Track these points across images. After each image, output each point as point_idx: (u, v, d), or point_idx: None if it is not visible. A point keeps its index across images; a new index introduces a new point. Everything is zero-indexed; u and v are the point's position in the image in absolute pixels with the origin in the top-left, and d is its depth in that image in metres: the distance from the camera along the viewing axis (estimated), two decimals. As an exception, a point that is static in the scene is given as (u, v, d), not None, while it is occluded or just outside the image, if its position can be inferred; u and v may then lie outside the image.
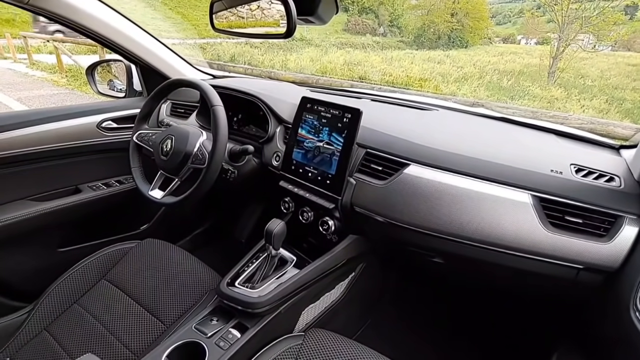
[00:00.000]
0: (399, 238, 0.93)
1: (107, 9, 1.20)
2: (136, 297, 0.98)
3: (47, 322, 0.95)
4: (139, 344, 0.89)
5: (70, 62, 8.69)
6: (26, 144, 1.13)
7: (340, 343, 0.83)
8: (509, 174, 0.80)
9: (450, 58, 15.14)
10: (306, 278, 0.92)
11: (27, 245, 1.17)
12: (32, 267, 1.20)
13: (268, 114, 1.18)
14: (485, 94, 10.12)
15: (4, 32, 11.68)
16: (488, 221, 0.78)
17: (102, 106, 1.34)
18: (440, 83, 10.72)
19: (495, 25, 25.15)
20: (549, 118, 1.09)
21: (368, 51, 16.90)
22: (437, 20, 20.65)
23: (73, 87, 7.61)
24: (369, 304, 1.32)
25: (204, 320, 0.85)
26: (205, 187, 0.98)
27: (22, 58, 10.40)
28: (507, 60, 15.04)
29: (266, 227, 0.89)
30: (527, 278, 0.84)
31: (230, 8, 1.04)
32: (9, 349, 0.90)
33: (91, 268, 1.07)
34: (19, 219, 1.11)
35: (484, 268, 0.88)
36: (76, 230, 1.29)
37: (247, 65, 10.69)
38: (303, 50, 15.11)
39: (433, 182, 0.84)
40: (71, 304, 0.99)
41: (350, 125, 0.94)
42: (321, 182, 0.99)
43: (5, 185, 1.13)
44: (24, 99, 6.49)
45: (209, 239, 1.74)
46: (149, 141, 1.10)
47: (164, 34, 13.83)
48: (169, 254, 1.10)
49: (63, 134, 1.21)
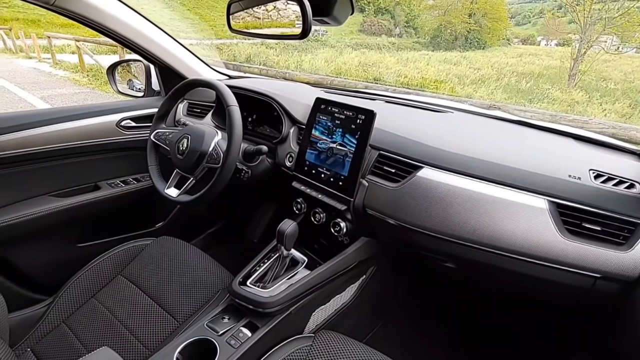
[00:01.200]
0: (410, 241, 0.92)
1: (128, 10, 1.23)
2: (151, 294, 1.00)
3: (65, 315, 0.98)
4: (152, 339, 0.91)
5: (92, 62, 8.94)
6: (49, 141, 1.17)
7: (350, 346, 0.83)
8: (525, 178, 0.79)
9: (467, 59, 14.93)
10: (317, 279, 0.93)
11: (48, 239, 1.21)
12: (52, 261, 1.23)
13: (282, 114, 1.19)
14: (502, 96, 9.94)
15: (30, 33, 12.10)
16: (502, 226, 0.76)
17: (121, 105, 1.37)
18: (456, 85, 10.59)
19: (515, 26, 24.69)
20: (569, 122, 1.06)
21: (383, 52, 16.82)
22: (455, 21, 20.38)
23: (94, 86, 7.82)
24: (379, 307, 1.31)
25: (216, 318, 0.86)
26: (220, 186, 0.99)
27: (46, 58, 10.76)
28: (526, 61, 14.73)
29: (278, 227, 0.90)
30: (542, 286, 0.82)
31: (247, 9, 1.06)
32: (30, 340, 0.93)
33: (108, 264, 1.09)
34: (40, 214, 1.14)
35: (497, 274, 0.86)
36: (95, 226, 1.33)
37: (263, 66, 10.78)
38: (318, 51, 15.15)
39: (446, 186, 0.83)
40: (89, 298, 1.01)
41: (363, 126, 0.94)
42: (334, 183, 0.99)
43: (28, 181, 1.17)
44: (47, 97, 6.72)
45: (222, 238, 1.76)
46: (165, 140, 1.13)
47: (181, 34, 14.09)
48: (183, 252, 1.12)
49: (84, 132, 1.25)
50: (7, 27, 13.99)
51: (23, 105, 6.20)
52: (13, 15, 19.00)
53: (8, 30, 13.32)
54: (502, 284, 0.98)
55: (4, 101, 6.38)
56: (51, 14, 1.13)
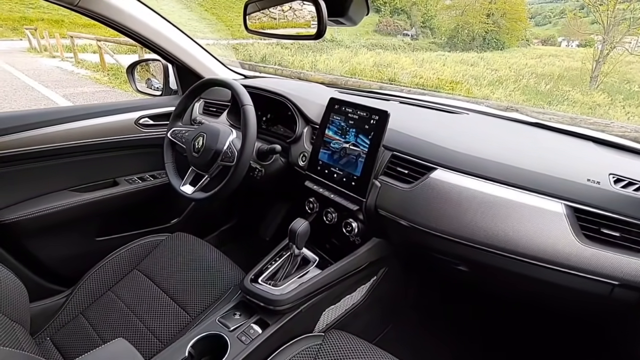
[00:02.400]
0: (422, 243, 0.92)
1: (148, 11, 1.26)
2: (165, 288, 1.03)
3: (83, 306, 1.01)
4: (165, 332, 0.93)
5: (112, 61, 9.17)
6: (70, 137, 1.21)
7: (359, 346, 0.83)
8: (541, 181, 0.77)
9: (485, 60, 14.69)
10: (328, 279, 0.93)
11: (68, 233, 1.25)
12: (72, 254, 1.27)
13: (296, 114, 1.20)
14: (520, 98, 9.73)
15: (54, 33, 12.49)
16: (516, 230, 0.75)
17: (139, 103, 1.41)
18: (472, 86, 10.43)
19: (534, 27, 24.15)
20: (589, 125, 1.03)
21: (399, 53, 16.70)
22: (472, 21, 20.07)
23: (113, 85, 8.02)
24: (390, 309, 1.30)
25: (228, 314, 0.87)
26: (234, 184, 1.01)
27: (69, 57, 11.08)
28: (545, 63, 14.40)
29: (290, 226, 0.91)
30: (557, 292, 0.80)
31: (263, 9, 1.07)
32: (49, 330, 0.97)
33: (125, 258, 1.12)
34: (61, 208, 1.18)
35: (510, 279, 0.85)
36: (112, 221, 1.36)
37: (278, 66, 10.85)
38: (333, 51, 15.15)
39: (460, 188, 0.82)
40: (105, 290, 1.04)
41: (377, 127, 0.93)
42: (346, 183, 0.99)
43: (50, 176, 1.22)
44: (69, 95, 6.92)
45: (235, 236, 1.78)
46: (182, 138, 1.15)
47: (199, 34, 14.31)
48: (197, 248, 1.14)
49: (103, 129, 1.29)
50: (32, 27, 14.50)
51: (46, 102, 6.41)
52: (38, 16, 19.66)
53: (34, 30, 13.80)
54: (516, 289, 0.97)
55: (29, 98, 6.60)
56: (74, 14, 1.17)
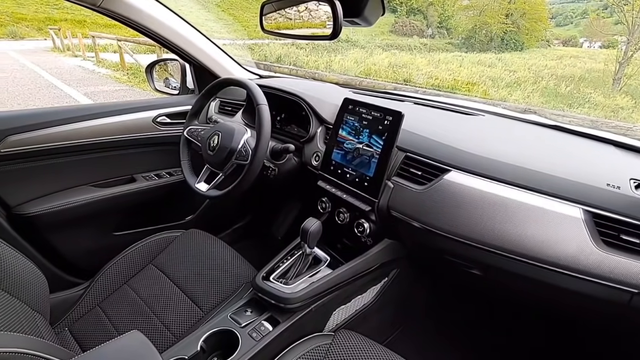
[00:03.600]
0: (435, 246, 0.91)
1: (167, 12, 1.29)
2: (179, 283, 1.05)
3: (100, 298, 1.04)
4: (179, 326, 0.95)
5: (131, 61, 9.38)
6: (91, 134, 1.25)
7: (369, 347, 0.83)
8: (559, 185, 0.75)
9: (503, 61, 14.42)
10: (339, 279, 0.93)
11: (87, 227, 1.29)
12: (91, 248, 1.31)
13: (310, 114, 1.20)
14: (539, 100, 9.51)
15: (77, 33, 12.86)
16: (532, 234, 0.74)
17: (157, 102, 1.44)
18: (489, 87, 10.24)
19: (555, 27, 23.54)
20: (611, 128, 1.00)
21: (414, 53, 16.55)
22: (490, 22, 19.72)
23: (132, 84, 8.20)
24: (401, 311, 1.29)
25: (239, 311, 0.88)
26: (247, 182, 1.02)
27: (90, 56, 11.39)
28: (566, 64, 14.03)
29: (302, 225, 0.91)
30: (573, 298, 0.78)
31: (279, 10, 1.08)
32: (67, 320, 1.00)
33: (140, 253, 1.15)
34: (81, 202, 1.22)
35: (524, 284, 0.83)
36: (129, 216, 1.40)
37: (292, 66, 10.90)
38: (348, 52, 15.13)
39: (474, 190, 0.81)
40: (121, 284, 1.07)
41: (391, 128, 0.93)
42: (359, 183, 0.99)
43: (71, 171, 1.26)
44: (90, 93, 7.11)
45: (247, 234, 1.80)
46: (197, 136, 1.17)
47: (215, 34, 14.50)
48: (211, 245, 1.16)
49: (123, 127, 1.32)
50: (56, 27, 14.97)
51: (68, 100, 6.61)
52: (62, 16, 20.29)
53: (57, 30, 14.25)
54: (530, 295, 0.95)
55: (52, 96, 6.82)
56: (96, 15, 1.20)
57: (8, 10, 19.91)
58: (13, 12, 19.86)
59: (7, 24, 18.69)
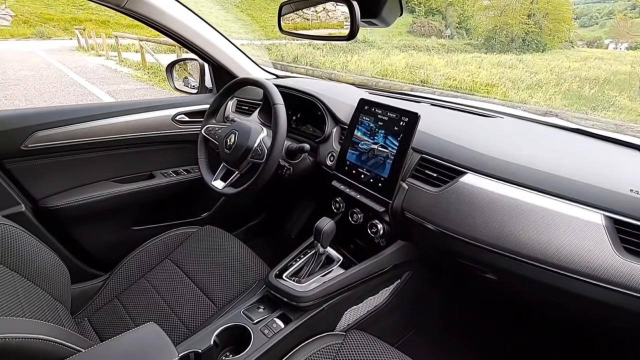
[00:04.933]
0: (449, 248, 0.90)
1: (188, 12, 1.32)
2: (194, 278, 1.07)
3: (118, 291, 1.07)
4: (193, 321, 0.97)
5: (152, 60, 9.60)
6: (113, 131, 1.29)
7: (379, 348, 0.82)
8: (579, 190, 0.73)
9: (524, 63, 14.09)
10: (351, 279, 0.93)
11: (107, 221, 1.33)
12: (110, 241, 1.35)
13: (326, 114, 1.21)
14: (561, 103, 9.25)
15: (100, 33, 13.25)
16: (550, 239, 0.72)
17: (176, 101, 1.47)
18: (509, 89, 10.02)
19: (579, 28, 22.82)
20: (636, 133, 0.96)
21: (432, 54, 16.34)
22: (511, 22, 19.29)
23: (153, 82, 8.39)
24: (413, 313, 1.28)
25: (252, 307, 0.89)
26: (262, 181, 1.03)
27: (113, 55, 11.71)
28: (590, 66, 13.60)
29: (316, 224, 0.92)
30: (591, 307, 0.76)
31: (297, 10, 1.09)
32: (87, 311, 1.03)
33: (158, 247, 1.18)
34: (103, 197, 1.26)
35: (541, 290, 0.81)
36: (148, 211, 1.43)
37: (309, 66, 10.94)
38: (364, 52, 15.06)
39: (491, 193, 0.79)
40: (139, 277, 1.10)
41: (406, 129, 0.93)
42: (373, 184, 0.99)
43: (93, 166, 1.30)
44: (112, 92, 7.32)
45: (261, 232, 1.82)
46: (215, 135, 1.19)
47: (234, 34, 14.69)
48: (225, 241, 1.18)
49: (143, 124, 1.36)
50: (81, 27, 15.48)
51: (91, 98, 6.82)
52: (87, 17, 20.95)
53: (82, 30, 14.73)
54: (546, 302, 0.93)
55: (76, 94, 7.05)
56: (119, 15, 1.24)
57: (37, 11, 20.71)
58: (41, 13, 20.65)
59: (36, 24, 19.46)
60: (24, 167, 1.15)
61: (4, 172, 1.13)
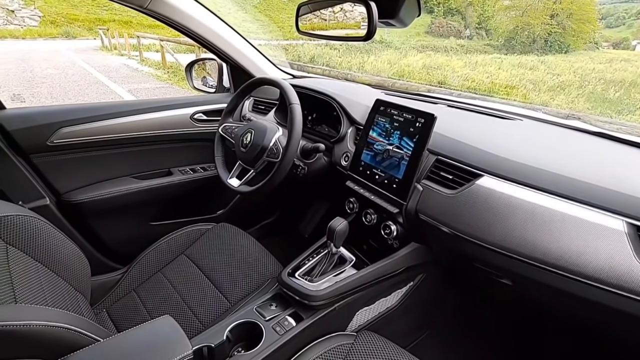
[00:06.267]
0: (464, 252, 0.89)
1: (207, 13, 1.34)
2: (208, 274, 1.09)
3: (135, 284, 1.10)
4: (207, 315, 0.98)
5: (172, 60, 9.79)
6: (133, 129, 1.32)
7: (391, 350, 0.82)
8: (600, 195, 0.71)
9: (546, 64, 13.72)
10: (363, 279, 0.93)
11: (126, 216, 1.36)
12: (129, 235, 1.39)
13: (341, 114, 1.21)
14: (584, 105, 8.96)
15: (123, 33, 13.61)
16: (569, 245, 0.70)
17: (195, 100, 1.50)
18: (530, 91, 9.78)
19: (605, 28, 22.03)
20: (664, 137, 0.92)
21: (450, 55, 16.10)
22: (533, 22, 18.80)
23: (172, 82, 8.57)
24: (426, 316, 1.27)
25: (264, 304, 0.90)
26: (277, 179, 1.04)
27: (135, 55, 12.01)
28: (616, 68, 13.12)
29: (329, 224, 0.92)
30: (612, 317, 0.73)
31: (315, 11, 1.09)
32: (106, 302, 1.07)
33: (174, 243, 1.20)
34: (122, 192, 1.30)
35: (559, 298, 0.79)
36: (165, 207, 1.46)
37: (325, 67, 10.94)
38: (381, 53, 14.96)
39: (508, 197, 0.78)
40: (155, 271, 1.13)
41: (422, 130, 0.92)
42: (387, 185, 0.98)
43: (115, 162, 1.34)
44: (133, 90, 7.51)
45: (275, 230, 1.83)
46: (231, 133, 1.21)
47: (252, 35, 14.85)
48: (240, 239, 1.20)
49: (162, 122, 1.39)
50: (105, 27, 15.94)
51: (113, 96, 7.01)
52: (111, 17, 21.56)
53: (106, 30, 15.17)
54: (564, 309, 0.90)
55: (99, 92, 7.27)
56: (141, 16, 1.27)
57: (63, 11, 21.42)
58: (67, 14, 21.37)
59: (62, 24, 20.14)
60: (49, 162, 1.20)
61: (30, 167, 1.17)
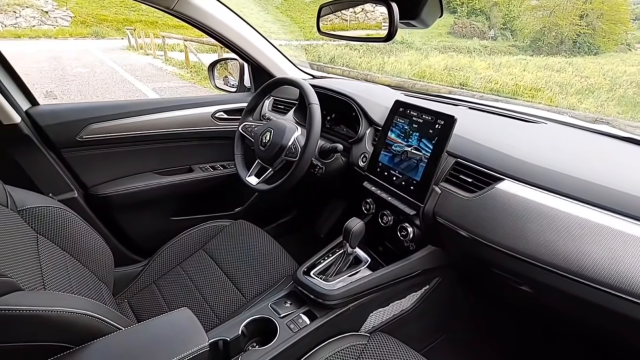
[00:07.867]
0: (482, 257, 0.87)
1: (231, 14, 1.37)
2: (225, 270, 1.11)
3: (156, 276, 1.14)
4: (223, 310, 1.00)
5: (195, 60, 10.01)
6: (157, 126, 1.36)
7: (404, 353, 0.81)
8: (626, 202, 0.68)
9: (574, 66, 13.24)
10: (378, 281, 0.93)
11: (149, 210, 1.41)
12: (150, 229, 1.43)
13: (360, 115, 1.21)
14: (615, 110, 8.60)
15: (149, 33, 14.00)
16: (592, 253, 0.68)
17: (216, 99, 1.53)
18: (556, 94, 9.46)
19: (638, 29, 21.04)
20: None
21: (473, 56, 15.76)
22: (562, 23, 18.17)
23: (194, 81, 8.76)
24: (441, 321, 1.25)
25: (279, 302, 0.91)
26: (295, 178, 1.05)
27: (160, 55, 12.34)
28: (650, 71, 12.51)
29: (345, 224, 0.92)
30: (633, 327, 0.71)
31: (336, 11, 1.10)
32: (127, 293, 1.11)
33: (193, 238, 1.23)
34: (146, 188, 1.34)
35: (581, 307, 0.77)
36: (185, 203, 1.50)
37: (345, 67, 10.92)
38: (402, 54, 14.81)
39: (529, 202, 0.76)
40: (175, 265, 1.16)
41: (442, 132, 0.91)
42: (405, 187, 0.98)
43: (139, 159, 1.38)
44: (157, 89, 7.73)
45: (291, 229, 1.85)
46: (251, 132, 1.23)
47: (273, 35, 14.98)
48: (257, 236, 1.22)
49: (184, 120, 1.43)
50: (132, 27, 16.45)
51: (138, 94, 7.24)
52: (138, 18, 22.23)
53: (133, 30, 15.65)
54: (587, 319, 0.87)
55: (125, 90, 7.52)
56: (167, 16, 1.31)
57: (93, 12, 22.24)
58: (97, 14, 22.16)
59: (92, 25, 20.92)
60: (78, 156, 1.25)
61: (61, 161, 1.23)
